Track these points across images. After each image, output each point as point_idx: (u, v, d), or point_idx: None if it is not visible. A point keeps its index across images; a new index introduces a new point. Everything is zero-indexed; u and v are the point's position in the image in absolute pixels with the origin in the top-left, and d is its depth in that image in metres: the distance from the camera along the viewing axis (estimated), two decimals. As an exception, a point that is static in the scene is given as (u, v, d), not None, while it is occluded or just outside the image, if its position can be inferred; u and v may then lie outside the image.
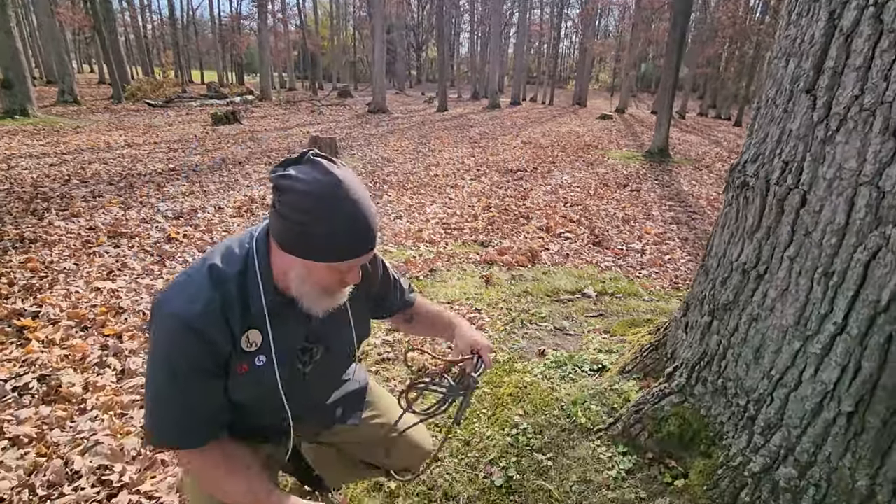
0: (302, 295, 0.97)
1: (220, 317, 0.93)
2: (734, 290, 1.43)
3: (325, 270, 0.93)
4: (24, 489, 1.62)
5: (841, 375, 1.15)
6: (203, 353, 0.93)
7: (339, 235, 0.89)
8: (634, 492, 1.49)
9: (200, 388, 0.96)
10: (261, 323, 0.98)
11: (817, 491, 1.18)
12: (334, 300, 1.02)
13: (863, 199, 1.09)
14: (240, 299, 0.95)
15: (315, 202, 0.86)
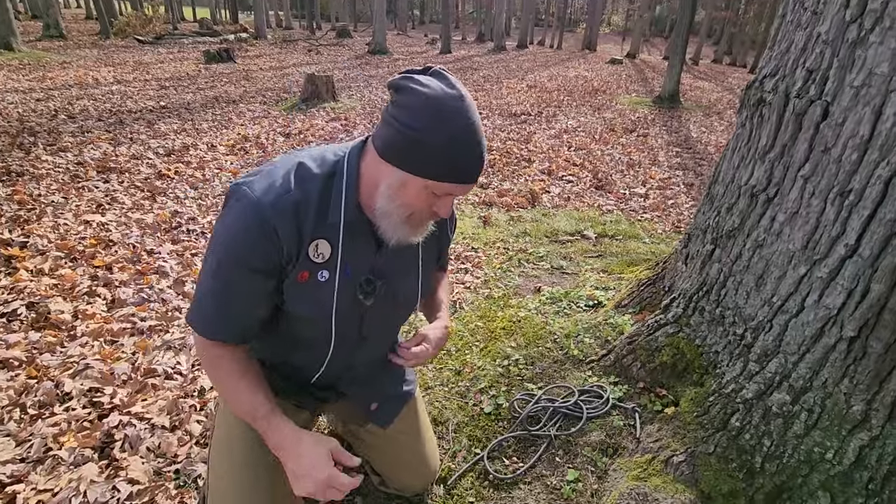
0: (384, 214, 0.90)
1: (291, 215, 0.87)
2: (740, 216, 1.35)
3: (421, 190, 0.86)
4: (15, 408, 1.62)
5: (847, 300, 1.09)
6: (261, 247, 0.87)
7: (451, 151, 0.82)
8: (622, 419, 1.49)
9: (248, 283, 0.90)
10: (333, 235, 0.93)
11: (809, 416, 1.15)
12: (413, 233, 0.93)
13: (892, 108, 0.99)
14: (318, 203, 0.90)
15: (436, 110, 0.80)
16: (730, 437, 1.24)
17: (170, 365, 1.91)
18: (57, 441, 1.51)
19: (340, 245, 0.94)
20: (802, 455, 1.15)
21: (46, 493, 1.37)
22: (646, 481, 1.21)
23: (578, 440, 1.47)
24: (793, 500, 1.14)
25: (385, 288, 1.02)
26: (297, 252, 0.91)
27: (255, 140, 5.43)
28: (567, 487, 1.34)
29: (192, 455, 1.54)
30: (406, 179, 0.85)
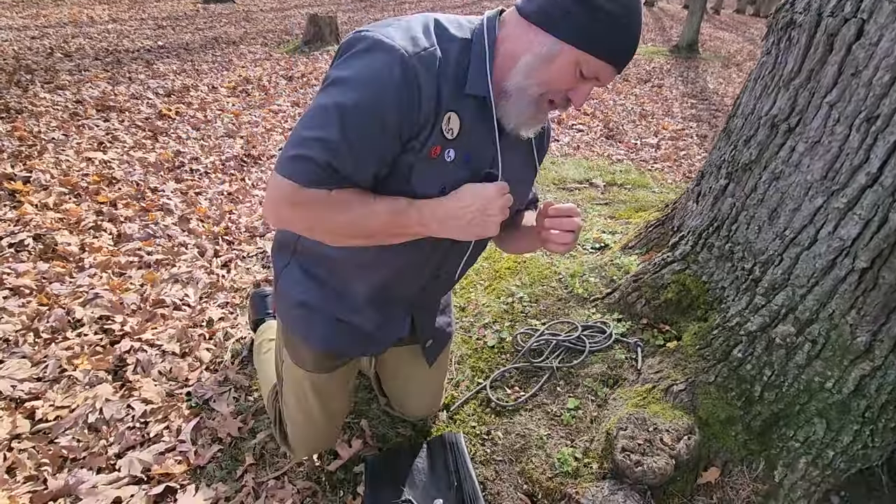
0: (517, 90, 0.79)
1: (436, 72, 0.76)
2: (758, 148, 1.31)
3: (570, 66, 0.75)
4: (28, 332, 1.66)
5: (862, 230, 1.07)
6: (403, 99, 0.74)
7: (620, 24, 0.73)
8: (624, 353, 1.51)
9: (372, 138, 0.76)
10: (464, 109, 0.81)
11: (813, 347, 1.16)
12: (533, 120, 0.84)
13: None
14: (456, 69, 0.78)
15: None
16: (731, 368, 1.25)
17: (178, 297, 1.93)
18: (71, 363, 1.55)
19: (470, 122, 0.82)
20: (802, 384, 1.17)
21: (64, 410, 1.42)
22: (645, 408, 1.24)
23: (580, 372, 1.49)
24: (789, 426, 1.17)
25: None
26: (434, 119, 0.78)
27: (258, 82, 5.28)
28: (567, 414, 1.37)
29: (203, 379, 1.58)
30: (558, 51, 0.75)
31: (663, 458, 1.09)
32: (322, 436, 1.22)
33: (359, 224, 0.82)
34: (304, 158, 0.75)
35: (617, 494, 1.06)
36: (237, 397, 1.53)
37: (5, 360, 1.55)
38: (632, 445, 1.12)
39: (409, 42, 0.74)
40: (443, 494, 1.18)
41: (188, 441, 1.36)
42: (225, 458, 1.34)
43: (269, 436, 1.40)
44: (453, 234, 0.83)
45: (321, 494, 1.25)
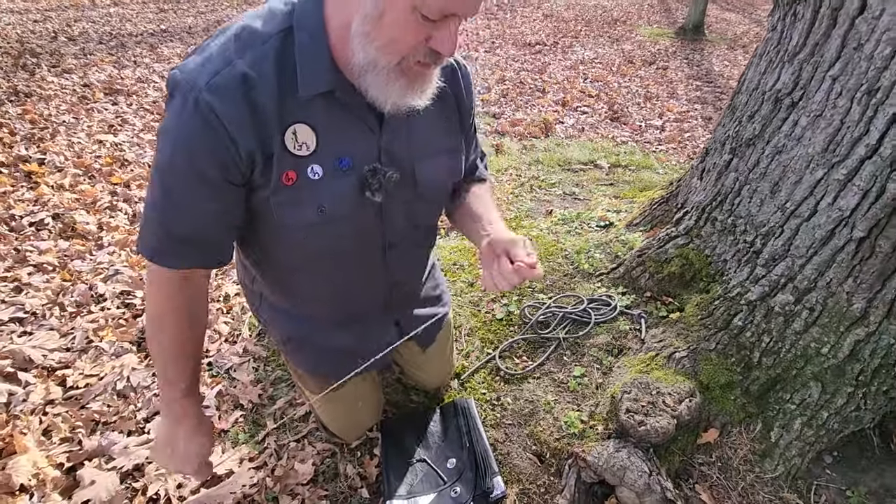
0: (367, 66, 0.64)
1: (240, 94, 0.64)
2: (762, 122, 1.34)
3: (408, 15, 0.59)
4: (54, 306, 1.72)
5: (861, 201, 1.11)
6: (208, 148, 0.65)
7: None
8: (628, 324, 1.56)
9: (196, 195, 0.70)
10: (314, 115, 0.69)
11: (810, 314, 1.21)
12: (411, 88, 0.68)
13: (935, -5, 0.95)
14: (278, 73, 0.66)
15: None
16: (731, 336, 1.31)
17: (194, 273, 1.99)
18: (97, 335, 1.62)
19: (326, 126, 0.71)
20: (799, 350, 1.22)
21: (92, 378, 1.49)
22: (648, 374, 1.29)
23: (585, 342, 1.55)
24: (785, 390, 1.23)
25: (398, 177, 0.79)
26: (265, 144, 0.68)
27: (262, 66, 5.27)
28: (573, 381, 1.43)
29: (223, 351, 1.65)
30: (386, 6, 0.59)
31: (665, 418, 1.14)
32: (362, 423, 1.30)
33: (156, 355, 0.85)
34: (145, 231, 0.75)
35: (621, 452, 1.12)
36: (256, 367, 1.60)
37: (34, 331, 1.62)
38: (636, 407, 1.18)
39: (200, 71, 0.63)
40: (456, 455, 1.25)
41: (212, 406, 1.43)
42: (247, 422, 1.41)
43: (288, 402, 1.47)
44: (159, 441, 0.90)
45: (340, 455, 1.32)
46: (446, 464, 1.23)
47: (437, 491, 1.17)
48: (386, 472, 1.23)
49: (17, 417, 1.33)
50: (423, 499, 1.16)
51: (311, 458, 1.30)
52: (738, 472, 1.18)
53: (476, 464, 1.21)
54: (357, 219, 0.81)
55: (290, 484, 1.23)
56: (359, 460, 1.31)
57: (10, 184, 2.42)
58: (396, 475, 1.21)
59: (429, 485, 1.19)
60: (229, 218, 0.75)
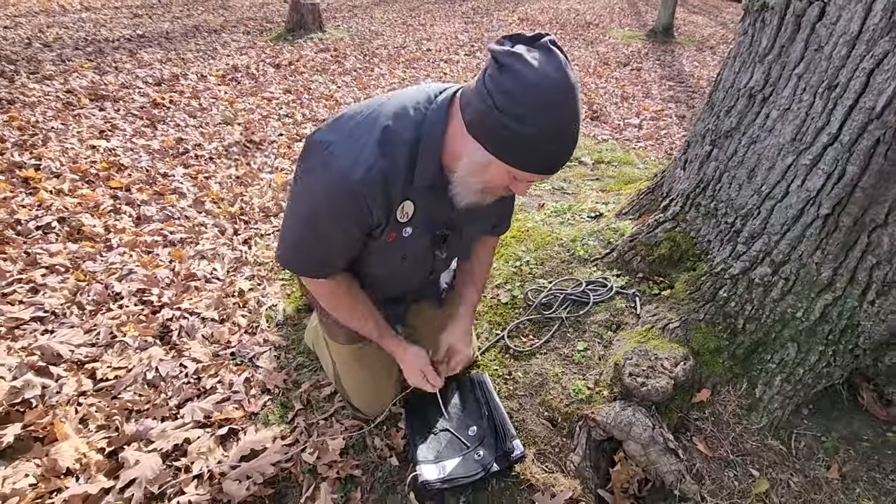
0: (461, 183, 0.91)
1: (381, 187, 0.89)
2: (738, 116, 1.50)
3: (503, 173, 0.84)
4: (73, 305, 1.77)
5: (825, 182, 1.28)
6: (354, 214, 0.92)
7: (544, 145, 0.79)
8: (624, 302, 1.70)
9: (338, 241, 1.00)
10: (418, 196, 0.96)
11: (786, 283, 1.37)
12: (484, 200, 0.97)
13: (881, 3, 1.12)
14: (406, 169, 0.90)
15: (539, 102, 0.75)
16: (717, 307, 1.46)
17: (207, 271, 2.05)
18: (120, 330, 1.68)
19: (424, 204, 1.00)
20: (777, 315, 1.38)
21: (121, 370, 1.55)
22: (646, 343, 1.44)
23: (586, 320, 1.68)
24: (766, 351, 1.38)
25: (455, 237, 1.13)
26: (387, 217, 0.95)
27: (246, 70, 5.30)
28: (578, 355, 1.56)
29: (244, 341, 1.72)
30: (491, 161, 0.82)
31: (664, 379, 1.28)
32: (382, 394, 1.41)
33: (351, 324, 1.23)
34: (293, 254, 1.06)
35: (627, 410, 1.26)
36: (277, 355, 1.68)
37: (56, 329, 1.66)
38: (637, 371, 1.31)
39: (356, 166, 0.86)
40: (476, 423, 1.36)
41: (241, 392, 1.51)
42: (275, 405, 1.50)
43: (312, 385, 1.56)
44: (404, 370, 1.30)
45: (367, 430, 1.42)
46: (468, 431, 1.35)
47: (462, 455, 1.29)
48: (412, 441, 1.33)
49: (54, 408, 1.38)
50: (449, 462, 1.27)
51: (340, 434, 1.40)
52: (729, 424, 1.33)
53: (495, 429, 1.32)
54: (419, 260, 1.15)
55: (323, 457, 1.33)
56: (385, 433, 1.41)
57: (9, 190, 2.42)
58: (423, 443, 1.32)
59: (453, 450, 1.30)
60: (352, 252, 1.08)
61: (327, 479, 1.28)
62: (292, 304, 1.91)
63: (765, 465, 1.27)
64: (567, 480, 1.24)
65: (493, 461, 1.26)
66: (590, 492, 1.24)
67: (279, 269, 2.13)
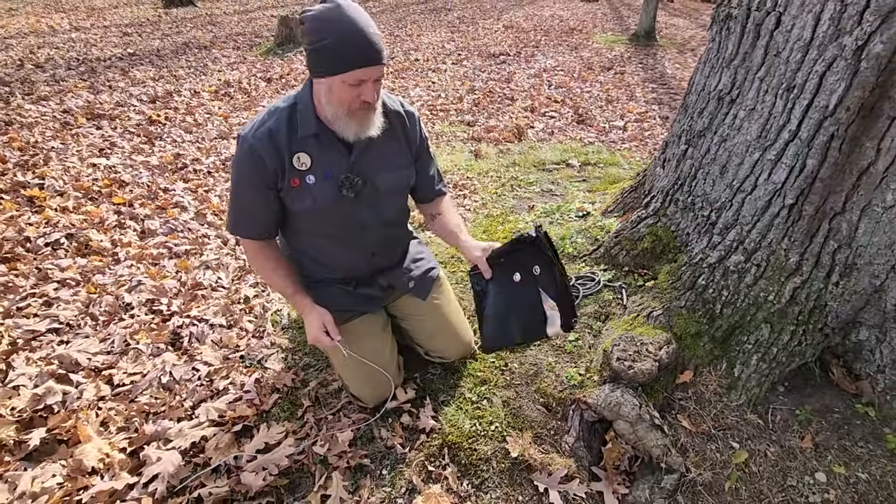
0: (332, 118, 1.19)
1: (268, 139, 1.19)
2: (709, 117, 1.62)
3: (341, 86, 1.12)
4: (86, 316, 1.84)
5: (788, 175, 1.39)
6: (255, 167, 1.21)
7: (342, 47, 1.08)
8: (612, 294, 1.81)
9: (251, 194, 1.27)
10: (309, 147, 1.23)
11: (758, 269, 1.48)
12: (361, 125, 1.20)
13: (828, 13, 1.24)
14: (288, 125, 1.21)
15: (321, 21, 1.08)
16: (697, 294, 1.57)
17: (212, 280, 2.13)
18: (133, 338, 1.75)
19: (316, 154, 1.23)
20: (751, 299, 1.49)
21: (136, 375, 1.63)
22: (632, 330, 1.54)
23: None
24: (742, 333, 1.49)
25: (363, 183, 1.30)
26: (283, 165, 1.21)
27: (238, 85, 5.39)
28: (569, 345, 1.66)
29: (252, 345, 1.80)
30: (329, 83, 1.12)
31: (649, 362, 1.38)
32: (376, 378, 1.48)
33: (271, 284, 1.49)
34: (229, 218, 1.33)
35: (616, 392, 1.35)
36: (285, 357, 1.76)
37: (71, 340, 1.74)
38: (624, 356, 1.41)
39: (251, 128, 1.20)
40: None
41: (252, 391, 1.59)
42: (285, 403, 1.58)
43: (319, 383, 1.64)
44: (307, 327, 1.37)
45: (373, 421, 1.50)
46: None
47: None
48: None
49: (76, 412, 1.46)
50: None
51: (349, 427, 1.48)
52: (710, 402, 1.43)
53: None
54: (338, 209, 1.30)
55: (333, 448, 1.41)
56: (390, 425, 1.50)
57: (15, 209, 2.50)
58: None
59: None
60: (270, 205, 1.29)
61: (338, 468, 1.36)
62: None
63: (744, 437, 1.38)
64: (562, 460, 1.34)
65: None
66: (584, 469, 1.33)
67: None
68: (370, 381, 1.49)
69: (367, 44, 1.10)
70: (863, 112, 1.25)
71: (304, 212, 1.29)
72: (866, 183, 1.30)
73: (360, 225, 1.37)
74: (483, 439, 1.41)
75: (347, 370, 1.49)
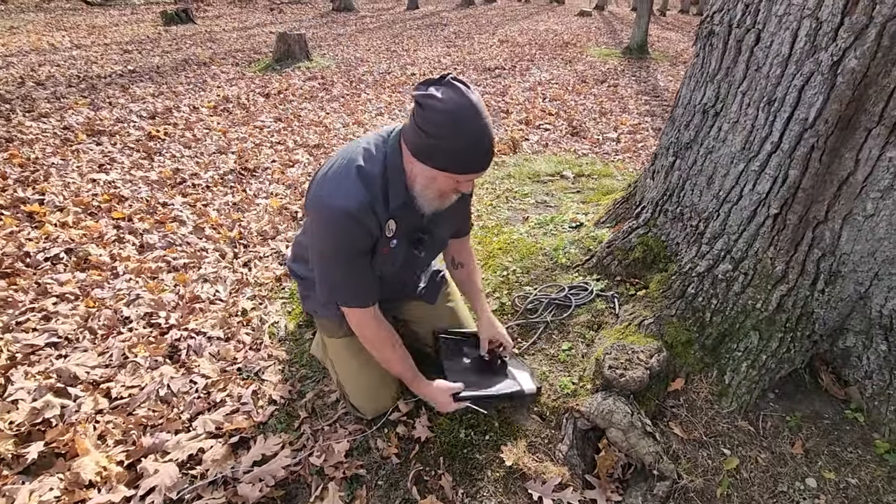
0: (421, 196, 1.21)
1: (370, 209, 1.17)
2: (695, 130, 1.66)
3: (447, 179, 1.14)
4: (84, 330, 1.86)
5: (772, 185, 1.43)
6: (361, 236, 1.20)
7: (466, 152, 1.08)
8: (604, 304, 1.83)
9: (361, 262, 1.25)
10: (396, 214, 1.24)
11: (745, 278, 1.51)
12: (443, 204, 1.26)
13: (804, 30, 1.29)
14: (382, 195, 1.20)
15: (452, 121, 1.04)
16: (687, 302, 1.59)
17: (210, 293, 2.16)
18: (131, 351, 1.77)
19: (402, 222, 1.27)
20: (739, 307, 1.52)
21: (134, 388, 1.64)
22: (624, 339, 1.56)
23: (569, 322, 1.81)
24: (732, 340, 1.52)
25: (429, 238, 1.37)
26: (379, 234, 1.23)
27: (237, 101, 5.46)
28: (563, 354, 1.68)
29: (249, 357, 1.82)
30: (436, 174, 1.12)
31: (640, 370, 1.41)
32: (377, 390, 1.51)
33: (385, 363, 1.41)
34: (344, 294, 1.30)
35: (608, 400, 1.37)
36: (282, 369, 1.78)
37: (69, 353, 1.75)
38: (616, 364, 1.43)
39: (350, 199, 1.15)
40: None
41: (249, 403, 1.61)
42: (282, 414, 1.59)
43: (316, 395, 1.66)
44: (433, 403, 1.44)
45: (370, 434, 1.52)
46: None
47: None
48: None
49: (74, 426, 1.47)
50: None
51: (345, 438, 1.50)
52: (702, 409, 1.45)
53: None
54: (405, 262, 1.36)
55: (329, 459, 1.42)
56: (386, 436, 1.51)
57: (15, 224, 2.52)
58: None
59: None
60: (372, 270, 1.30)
61: (334, 479, 1.38)
62: (293, 321, 2.02)
63: (735, 444, 1.39)
64: (556, 468, 1.35)
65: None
66: (578, 477, 1.34)
67: (279, 288, 2.23)
68: (372, 392, 1.52)
69: (489, 151, 1.10)
70: (841, 124, 1.29)
71: (382, 273, 1.33)
72: (847, 192, 1.34)
73: (415, 267, 1.47)
74: (478, 448, 1.43)
75: (350, 381, 1.51)
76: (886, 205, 1.30)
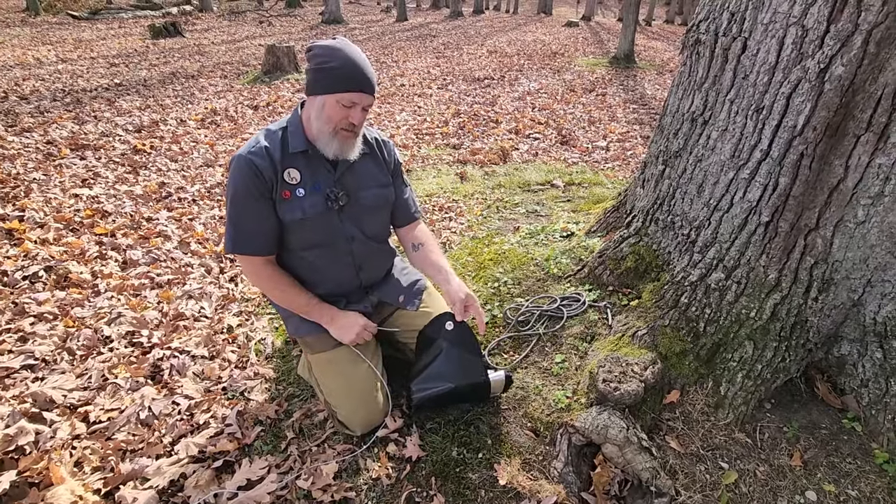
0: (318, 134, 1.33)
1: (265, 154, 1.32)
2: (684, 138, 1.65)
3: (334, 105, 1.28)
4: (62, 351, 1.80)
5: (763, 193, 1.42)
6: (254, 177, 1.30)
7: (342, 69, 1.26)
8: (597, 315, 1.81)
9: (255, 207, 1.33)
10: (298, 163, 1.35)
11: (738, 286, 1.49)
12: (342, 146, 1.35)
13: (790, 38, 1.29)
14: (281, 144, 1.35)
15: (329, 50, 1.28)
16: (680, 312, 1.57)
17: (195, 310, 2.10)
18: (111, 372, 1.71)
19: (303, 170, 1.35)
20: (733, 317, 1.50)
21: (114, 411, 1.58)
22: (617, 351, 1.53)
23: (562, 334, 1.78)
24: (727, 350, 1.49)
25: (348, 197, 1.41)
26: (276, 179, 1.33)
27: (225, 113, 5.42)
28: (556, 367, 1.65)
29: (235, 376, 1.77)
30: (323, 101, 1.27)
31: (635, 383, 1.38)
32: (365, 403, 1.46)
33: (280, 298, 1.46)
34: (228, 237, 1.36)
35: (602, 414, 1.34)
36: (268, 388, 1.72)
37: (46, 376, 1.69)
38: (610, 377, 1.40)
39: (248, 148, 1.32)
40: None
41: (234, 424, 1.55)
42: (268, 435, 1.54)
43: (303, 414, 1.60)
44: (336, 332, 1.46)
45: (359, 453, 1.47)
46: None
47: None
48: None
49: (49, 453, 1.41)
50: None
51: (334, 459, 1.45)
52: (698, 422, 1.42)
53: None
54: (326, 220, 1.40)
55: (317, 482, 1.37)
56: (376, 455, 1.46)
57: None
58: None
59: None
60: (270, 217, 1.36)
61: (322, 502, 1.32)
62: (280, 337, 1.97)
63: (733, 457, 1.36)
64: (551, 486, 1.31)
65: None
66: (573, 495, 1.30)
67: (266, 303, 2.18)
68: (362, 405, 1.47)
69: (365, 74, 1.28)
70: (829, 131, 1.28)
71: (295, 222, 1.37)
72: (837, 199, 1.33)
73: (346, 237, 1.45)
74: (471, 467, 1.38)
75: (339, 395, 1.46)
76: (877, 211, 1.29)
